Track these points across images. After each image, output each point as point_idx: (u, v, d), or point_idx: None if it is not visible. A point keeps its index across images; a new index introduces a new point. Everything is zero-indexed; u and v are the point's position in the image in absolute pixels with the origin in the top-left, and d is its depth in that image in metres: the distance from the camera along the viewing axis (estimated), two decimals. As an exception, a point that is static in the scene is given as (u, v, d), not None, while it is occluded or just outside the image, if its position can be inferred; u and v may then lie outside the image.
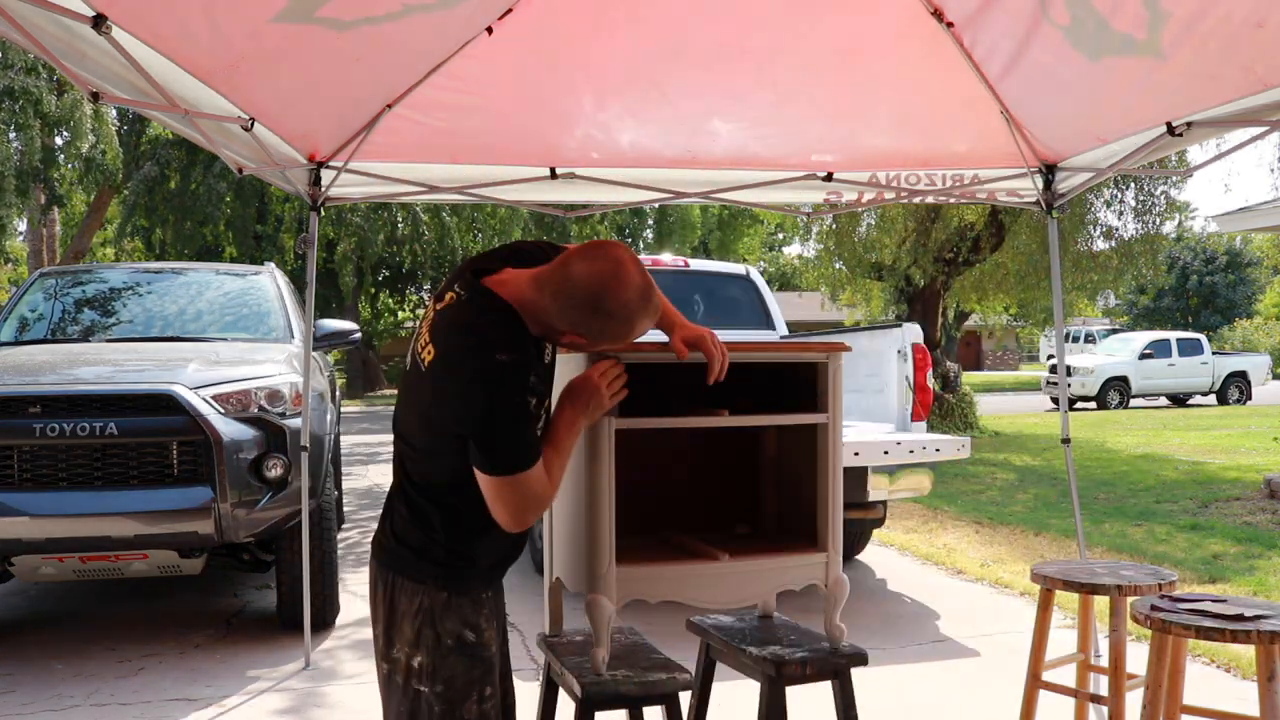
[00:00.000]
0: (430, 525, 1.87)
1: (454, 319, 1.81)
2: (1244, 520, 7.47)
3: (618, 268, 1.77)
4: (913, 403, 5.31)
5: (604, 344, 1.90)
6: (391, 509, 1.95)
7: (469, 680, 1.87)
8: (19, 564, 4.13)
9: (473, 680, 1.88)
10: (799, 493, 2.54)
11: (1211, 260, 43.02)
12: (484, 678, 1.89)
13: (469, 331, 1.77)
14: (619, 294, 1.77)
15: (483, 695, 1.89)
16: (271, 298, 5.77)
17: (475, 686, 1.88)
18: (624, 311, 1.78)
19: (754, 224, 27.24)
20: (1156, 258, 16.54)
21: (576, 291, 1.76)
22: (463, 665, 1.87)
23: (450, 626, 1.86)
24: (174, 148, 18.52)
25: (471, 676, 1.88)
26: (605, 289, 1.76)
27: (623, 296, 1.77)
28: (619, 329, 1.81)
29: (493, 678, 1.91)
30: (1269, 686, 2.30)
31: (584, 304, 1.76)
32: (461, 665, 1.87)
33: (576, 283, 1.76)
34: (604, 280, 1.76)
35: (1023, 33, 3.13)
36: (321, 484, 4.53)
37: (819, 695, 3.04)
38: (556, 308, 1.78)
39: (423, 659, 1.87)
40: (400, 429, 1.93)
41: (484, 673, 1.89)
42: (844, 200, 4.52)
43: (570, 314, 1.78)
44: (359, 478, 10.84)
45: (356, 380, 29.94)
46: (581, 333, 1.81)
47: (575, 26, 3.37)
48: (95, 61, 2.43)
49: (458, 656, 1.87)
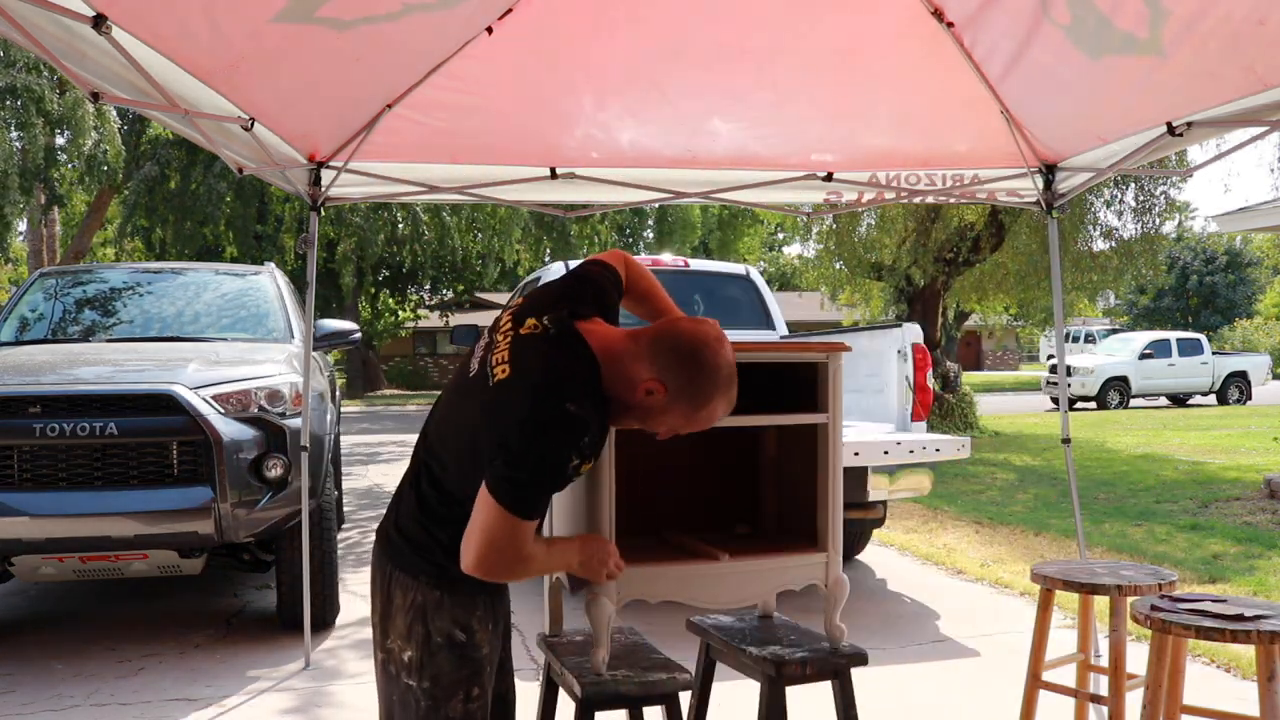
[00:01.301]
0: (437, 525, 1.87)
1: (540, 351, 1.80)
2: (1244, 520, 7.47)
3: (721, 338, 1.86)
4: (913, 403, 5.31)
5: (676, 409, 1.85)
6: (400, 500, 1.95)
7: (456, 679, 1.88)
8: (19, 564, 4.13)
9: (460, 679, 1.89)
10: (799, 493, 2.54)
11: (1211, 260, 43.02)
12: (472, 678, 1.90)
13: (550, 371, 1.77)
14: (717, 355, 1.83)
15: (469, 695, 1.90)
16: (271, 298, 5.77)
17: (462, 686, 1.89)
18: (714, 374, 1.82)
19: (754, 224, 27.19)
20: (1156, 258, 16.54)
21: (680, 340, 1.83)
22: (451, 664, 1.88)
23: (441, 625, 1.88)
24: (174, 148, 18.50)
25: (459, 675, 1.89)
26: (708, 345, 1.83)
27: (719, 360, 1.83)
28: (702, 390, 1.83)
29: (482, 679, 1.92)
30: (1269, 686, 2.30)
31: (683, 351, 1.82)
32: (450, 664, 1.88)
33: (681, 333, 1.85)
34: (708, 340, 1.84)
35: (1023, 32, 3.13)
36: (321, 484, 4.53)
37: (819, 695, 3.04)
38: (651, 353, 1.82)
39: (413, 653, 1.89)
40: (439, 429, 1.92)
41: (472, 673, 1.90)
42: (844, 200, 4.52)
43: (664, 357, 1.82)
44: (359, 478, 10.84)
45: (356, 380, 29.95)
46: (666, 380, 1.81)
47: (575, 26, 3.37)
48: (95, 61, 2.43)
49: (447, 654, 1.88)
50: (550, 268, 7.03)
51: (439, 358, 37.41)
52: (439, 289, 32.26)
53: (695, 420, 1.87)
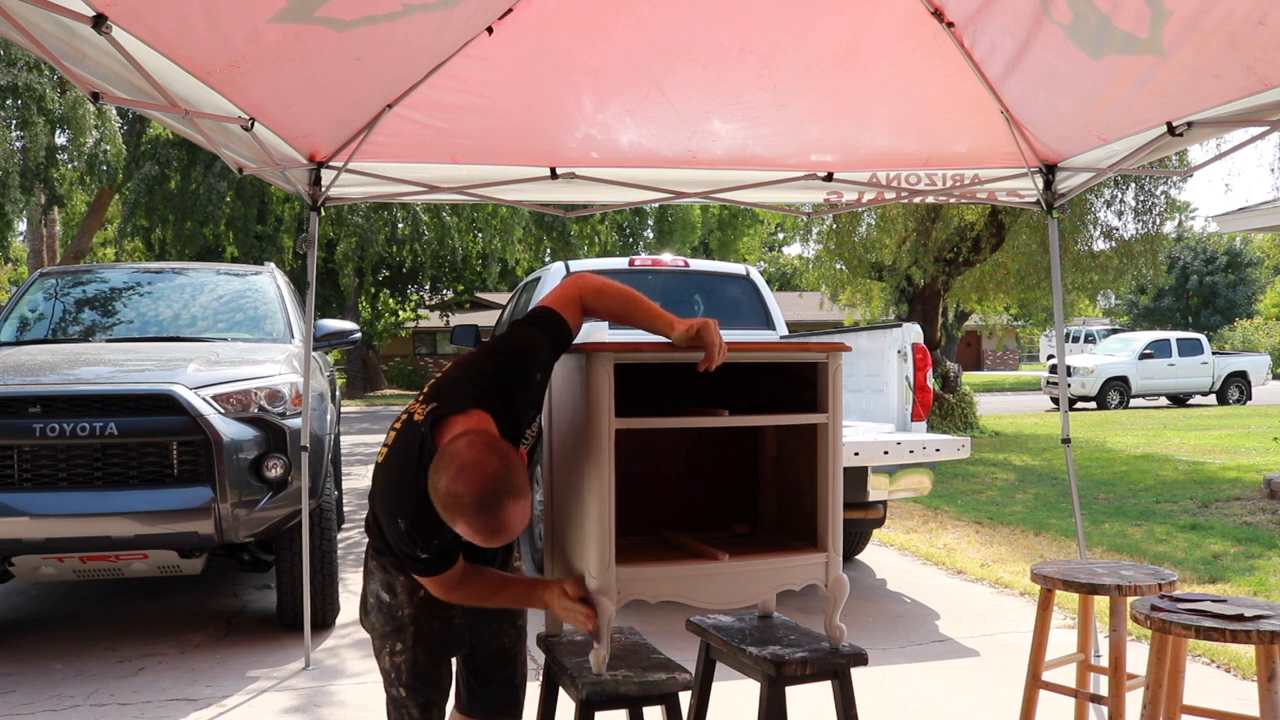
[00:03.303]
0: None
1: (395, 450, 2.02)
2: (1244, 520, 7.47)
3: (457, 475, 1.81)
4: (913, 403, 5.31)
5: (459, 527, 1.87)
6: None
7: (384, 633, 2.19)
8: (19, 564, 4.13)
9: (386, 634, 2.18)
10: (799, 493, 2.54)
11: (1211, 260, 43.03)
12: (395, 634, 2.17)
13: (388, 483, 2.03)
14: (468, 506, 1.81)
15: (394, 649, 2.18)
16: (271, 298, 5.77)
17: (389, 640, 2.18)
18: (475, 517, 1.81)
19: (754, 224, 27.20)
20: (1157, 258, 16.52)
21: (438, 499, 1.85)
22: (379, 620, 2.19)
23: (373, 587, 2.21)
24: (174, 148, 18.51)
25: (385, 630, 2.18)
26: (459, 504, 1.81)
27: (471, 506, 1.80)
28: (472, 530, 1.83)
29: (405, 636, 2.17)
30: (1269, 686, 2.30)
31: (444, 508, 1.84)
32: (379, 620, 2.19)
33: (437, 490, 1.84)
34: (457, 493, 1.81)
35: (1024, 32, 3.13)
36: (321, 484, 4.53)
37: (819, 695, 3.04)
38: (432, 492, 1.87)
39: (361, 605, 2.27)
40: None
41: (394, 629, 2.17)
42: (844, 200, 4.52)
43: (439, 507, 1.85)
44: (359, 478, 10.84)
45: (356, 380, 29.95)
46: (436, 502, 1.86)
47: (575, 26, 3.37)
48: (95, 61, 2.43)
49: (378, 613, 2.20)
50: (550, 268, 7.03)
51: (439, 358, 37.41)
52: (439, 289, 32.27)
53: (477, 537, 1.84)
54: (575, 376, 2.27)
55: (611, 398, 2.15)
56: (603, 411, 2.14)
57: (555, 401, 2.47)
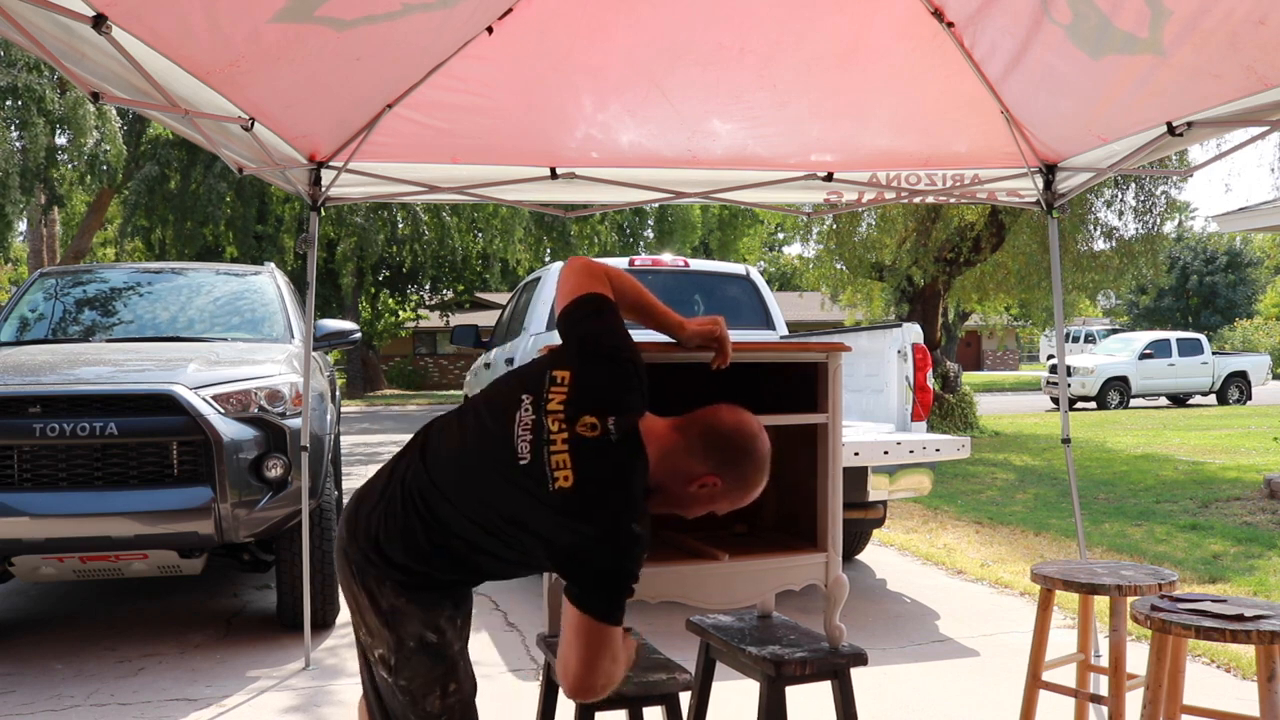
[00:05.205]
0: (420, 559, 1.87)
1: (606, 463, 1.82)
2: (1244, 520, 7.47)
3: (761, 429, 1.98)
4: (913, 403, 5.31)
5: (726, 498, 1.96)
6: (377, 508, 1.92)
7: (433, 677, 1.93)
8: (19, 564, 4.13)
9: (435, 678, 1.93)
10: (799, 493, 2.54)
11: (1211, 260, 43.04)
12: (447, 674, 1.94)
13: (619, 490, 1.81)
14: (765, 445, 1.96)
15: (446, 690, 1.94)
16: (271, 298, 5.77)
17: (438, 683, 1.93)
18: (763, 463, 1.96)
19: (754, 224, 27.20)
20: (1157, 258, 16.53)
21: (732, 436, 1.93)
22: (425, 664, 1.92)
23: (412, 629, 1.91)
24: (174, 148, 18.52)
25: (434, 675, 1.92)
26: (756, 437, 1.95)
27: (765, 450, 1.96)
28: (752, 480, 1.95)
29: (457, 673, 1.96)
30: (1269, 686, 2.30)
31: (736, 447, 1.92)
32: (424, 664, 1.92)
33: (730, 427, 1.93)
34: (756, 433, 1.96)
35: (1024, 32, 3.13)
36: (321, 484, 4.53)
37: (819, 695, 3.04)
38: (704, 449, 1.90)
39: (384, 652, 1.93)
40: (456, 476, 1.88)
41: (447, 670, 1.93)
42: (844, 200, 4.52)
43: (718, 454, 1.90)
44: (359, 478, 10.83)
45: (356, 380, 29.95)
46: (722, 474, 1.91)
47: (575, 26, 3.37)
48: (95, 61, 2.43)
49: (420, 656, 1.91)
50: (550, 268, 7.03)
51: (439, 358, 37.41)
52: (439, 289, 32.28)
53: (738, 503, 1.98)
54: (575, 376, 2.27)
55: (611, 398, 2.14)
56: (603, 411, 2.14)
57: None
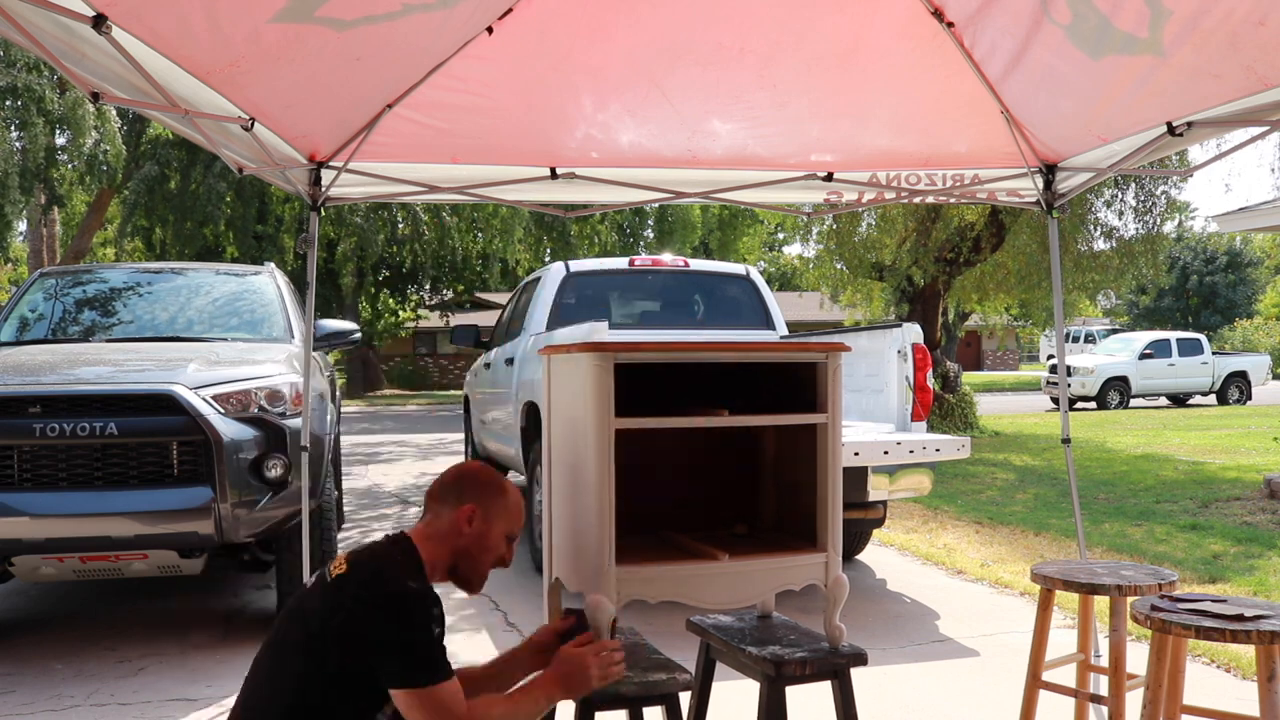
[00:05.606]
0: None
1: (369, 549, 2.03)
2: (1244, 520, 7.47)
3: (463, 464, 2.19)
4: (913, 403, 5.31)
5: (498, 522, 2.10)
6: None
7: None
8: (19, 564, 4.13)
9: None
10: (799, 493, 2.54)
11: (1211, 260, 43.05)
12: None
13: (385, 555, 1.99)
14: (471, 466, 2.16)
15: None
16: (271, 298, 5.77)
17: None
18: (501, 480, 2.13)
19: (754, 224, 27.20)
20: (1157, 258, 16.52)
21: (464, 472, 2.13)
22: None
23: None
24: (174, 148, 18.52)
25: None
26: (466, 467, 2.15)
27: (472, 468, 2.15)
28: (505, 493, 2.11)
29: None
30: (1269, 686, 2.30)
31: (473, 475, 2.11)
32: None
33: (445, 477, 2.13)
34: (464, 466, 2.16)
35: (1023, 32, 3.13)
36: (321, 484, 4.53)
37: (819, 695, 3.04)
38: (449, 499, 2.07)
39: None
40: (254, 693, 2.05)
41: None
42: (844, 200, 4.52)
43: (464, 490, 2.07)
44: (359, 478, 10.84)
45: (356, 380, 29.95)
46: (477, 500, 2.06)
47: (575, 26, 3.37)
48: (95, 61, 2.43)
49: None
50: (550, 268, 7.03)
51: (439, 358, 37.41)
52: (439, 289, 32.28)
53: (516, 520, 2.11)
54: (575, 376, 2.28)
55: (611, 397, 2.15)
56: (603, 411, 2.14)
57: (555, 401, 2.47)
